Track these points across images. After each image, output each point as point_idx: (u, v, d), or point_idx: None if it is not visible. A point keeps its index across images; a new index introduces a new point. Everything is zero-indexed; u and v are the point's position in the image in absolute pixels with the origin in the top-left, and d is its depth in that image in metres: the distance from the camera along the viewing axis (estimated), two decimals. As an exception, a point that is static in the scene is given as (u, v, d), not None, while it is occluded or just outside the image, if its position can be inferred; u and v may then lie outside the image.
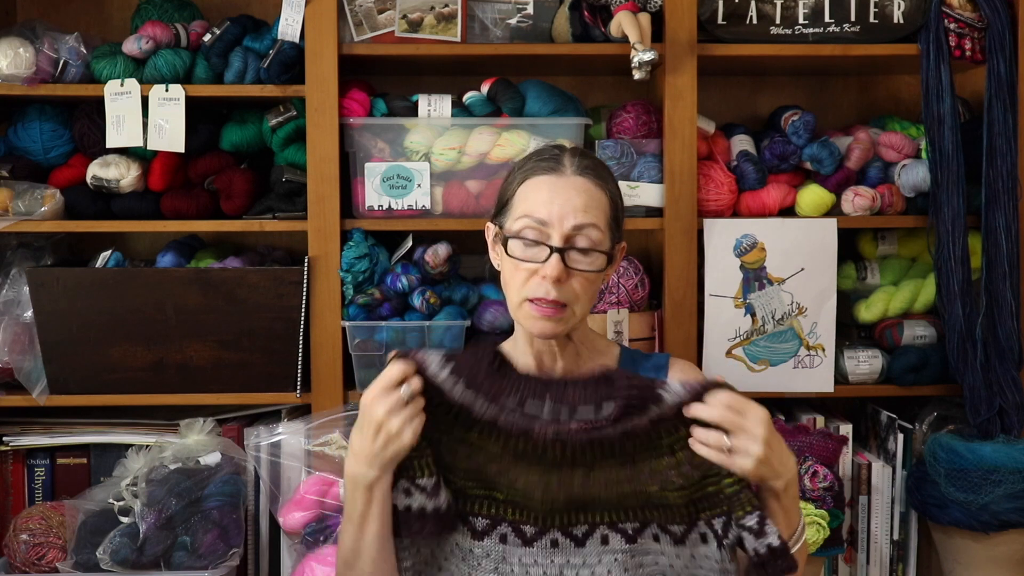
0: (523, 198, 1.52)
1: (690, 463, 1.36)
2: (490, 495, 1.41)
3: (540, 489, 1.38)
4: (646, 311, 2.19)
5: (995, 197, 2.12)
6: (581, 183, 1.51)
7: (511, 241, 1.51)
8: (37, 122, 2.19)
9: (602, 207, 1.52)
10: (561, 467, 1.38)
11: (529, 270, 1.50)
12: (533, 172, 1.53)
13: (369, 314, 2.11)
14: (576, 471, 1.38)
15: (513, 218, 1.52)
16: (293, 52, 2.09)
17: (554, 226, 1.48)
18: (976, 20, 2.15)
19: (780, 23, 2.17)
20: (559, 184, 1.50)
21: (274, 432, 2.10)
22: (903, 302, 2.23)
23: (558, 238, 1.48)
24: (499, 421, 1.37)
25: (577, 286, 1.50)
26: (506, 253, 1.52)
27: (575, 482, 1.38)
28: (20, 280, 2.14)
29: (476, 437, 1.39)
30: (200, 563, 1.91)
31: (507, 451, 1.38)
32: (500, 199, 1.58)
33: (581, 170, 1.52)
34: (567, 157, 1.54)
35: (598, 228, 1.50)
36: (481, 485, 1.40)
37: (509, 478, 1.39)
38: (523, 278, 1.51)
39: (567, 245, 1.49)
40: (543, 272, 1.48)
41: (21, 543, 1.94)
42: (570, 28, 2.14)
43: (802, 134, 2.20)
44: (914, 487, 2.13)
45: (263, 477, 2.07)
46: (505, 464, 1.39)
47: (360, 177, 2.14)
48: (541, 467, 1.38)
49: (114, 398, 2.13)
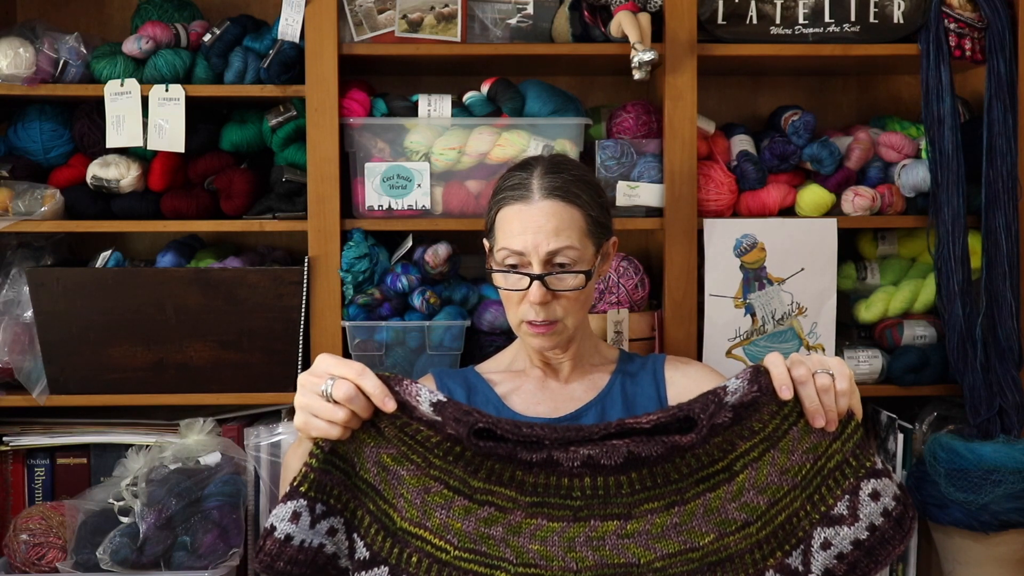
0: (500, 229, 1.60)
1: (754, 487, 1.15)
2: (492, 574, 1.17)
3: (562, 550, 1.13)
4: (646, 311, 2.19)
5: (995, 197, 2.12)
6: (549, 207, 1.56)
7: (496, 274, 1.60)
8: (37, 122, 2.19)
9: (575, 224, 1.58)
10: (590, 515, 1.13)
11: (518, 296, 1.58)
12: (504, 202, 1.60)
13: (369, 314, 2.11)
14: (609, 523, 1.14)
15: (496, 248, 1.61)
16: (293, 52, 2.09)
17: (530, 255, 1.56)
18: (976, 20, 2.14)
19: (780, 23, 2.17)
20: (528, 213, 1.57)
21: (274, 432, 2.10)
22: (903, 302, 2.23)
23: (536, 265, 1.56)
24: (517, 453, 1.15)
25: (564, 303, 1.59)
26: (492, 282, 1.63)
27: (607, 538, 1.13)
28: (20, 280, 2.14)
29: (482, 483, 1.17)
30: (200, 563, 1.91)
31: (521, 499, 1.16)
32: (486, 219, 1.67)
33: (549, 192, 1.57)
34: (535, 179, 1.59)
35: (573, 247, 1.57)
36: (481, 559, 1.17)
37: (520, 541, 1.15)
38: (515, 302, 1.60)
39: (546, 271, 1.56)
40: (528, 299, 1.57)
41: (21, 543, 1.94)
42: (570, 28, 2.14)
43: (802, 134, 2.20)
44: (914, 487, 2.13)
45: (263, 477, 2.07)
46: (517, 519, 1.16)
47: (360, 177, 2.14)
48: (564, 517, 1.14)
49: (114, 398, 2.13)
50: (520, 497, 1.15)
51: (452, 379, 1.74)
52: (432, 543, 1.18)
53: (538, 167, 1.62)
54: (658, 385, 1.71)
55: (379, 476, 1.21)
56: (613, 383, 1.71)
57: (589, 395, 1.69)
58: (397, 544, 1.19)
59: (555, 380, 1.71)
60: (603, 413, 1.67)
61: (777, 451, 1.16)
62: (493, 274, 1.61)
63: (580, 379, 1.71)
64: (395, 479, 1.20)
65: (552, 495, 1.14)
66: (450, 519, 1.18)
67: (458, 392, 1.70)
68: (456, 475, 1.17)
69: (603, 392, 1.70)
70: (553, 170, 1.61)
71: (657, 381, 1.72)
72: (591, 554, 1.13)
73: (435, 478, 1.18)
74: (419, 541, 1.19)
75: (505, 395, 1.69)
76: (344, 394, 1.20)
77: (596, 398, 1.69)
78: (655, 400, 1.69)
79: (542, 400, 1.69)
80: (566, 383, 1.70)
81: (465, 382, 1.72)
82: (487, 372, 1.76)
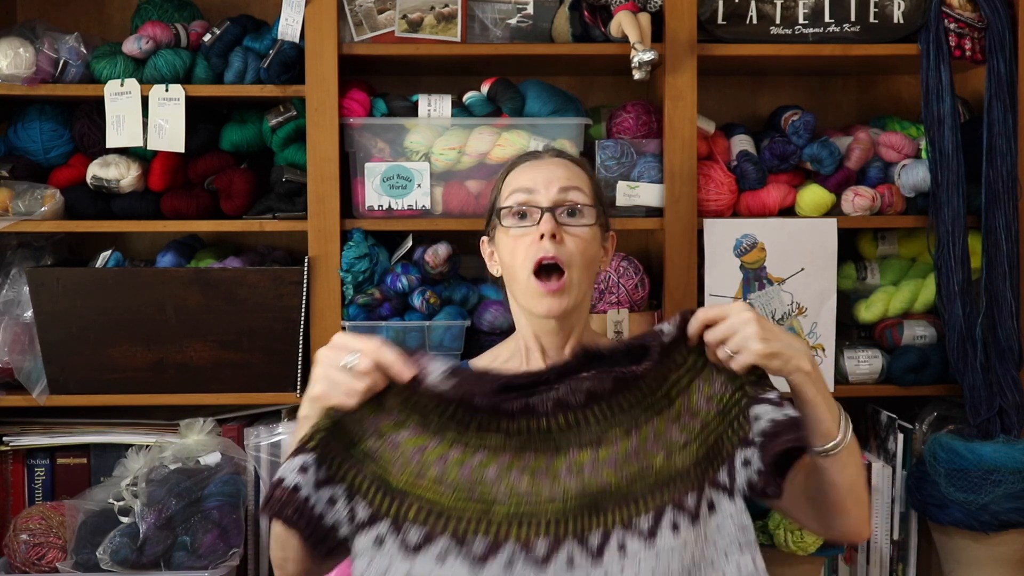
0: (509, 184, 1.61)
1: (688, 411, 1.33)
2: (488, 510, 1.29)
3: (548, 483, 1.29)
4: (646, 311, 2.19)
5: (995, 197, 2.12)
6: (561, 162, 1.63)
7: (504, 217, 1.57)
8: (37, 122, 2.19)
9: (584, 180, 1.62)
10: (568, 445, 1.30)
11: (526, 241, 1.55)
12: (515, 166, 1.64)
13: (369, 314, 2.11)
14: (584, 452, 1.30)
15: (504, 196, 1.60)
16: (293, 52, 2.09)
17: (540, 192, 1.56)
18: (976, 20, 2.15)
19: (780, 23, 2.17)
20: (539, 166, 1.62)
21: (274, 432, 2.10)
22: (903, 302, 2.23)
23: (546, 200, 1.56)
24: (500, 406, 1.31)
25: (572, 246, 1.55)
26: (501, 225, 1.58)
27: (585, 465, 1.30)
28: (20, 280, 2.14)
29: (474, 435, 1.31)
30: (200, 563, 1.91)
31: (509, 442, 1.31)
32: (488, 209, 1.66)
33: (558, 155, 1.65)
34: (544, 153, 1.67)
35: (583, 192, 1.59)
36: (477, 500, 1.29)
37: (511, 480, 1.30)
38: (523, 250, 1.56)
39: (556, 205, 1.56)
40: (539, 231, 1.54)
41: (21, 543, 1.94)
42: (570, 28, 2.14)
43: (802, 134, 2.20)
44: (914, 487, 2.13)
45: (263, 477, 2.07)
46: (505, 461, 1.31)
47: (360, 177, 2.14)
48: (547, 449, 1.30)
49: (114, 398, 2.13)
50: (508, 440, 1.31)
51: None
52: (429, 493, 1.30)
53: (545, 153, 1.69)
54: None
55: (376, 444, 1.32)
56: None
57: None
58: (396, 500, 1.30)
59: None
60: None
61: (701, 380, 1.37)
62: (502, 218, 1.57)
63: None
64: (391, 445, 1.32)
65: (534, 435, 1.31)
66: (446, 471, 1.31)
67: None
68: (451, 431, 1.32)
69: None
70: (558, 151, 1.70)
71: None
72: (573, 482, 1.30)
73: (431, 435, 1.31)
74: (417, 492, 1.31)
75: None
76: (367, 366, 1.29)
77: None
78: None
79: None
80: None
81: None
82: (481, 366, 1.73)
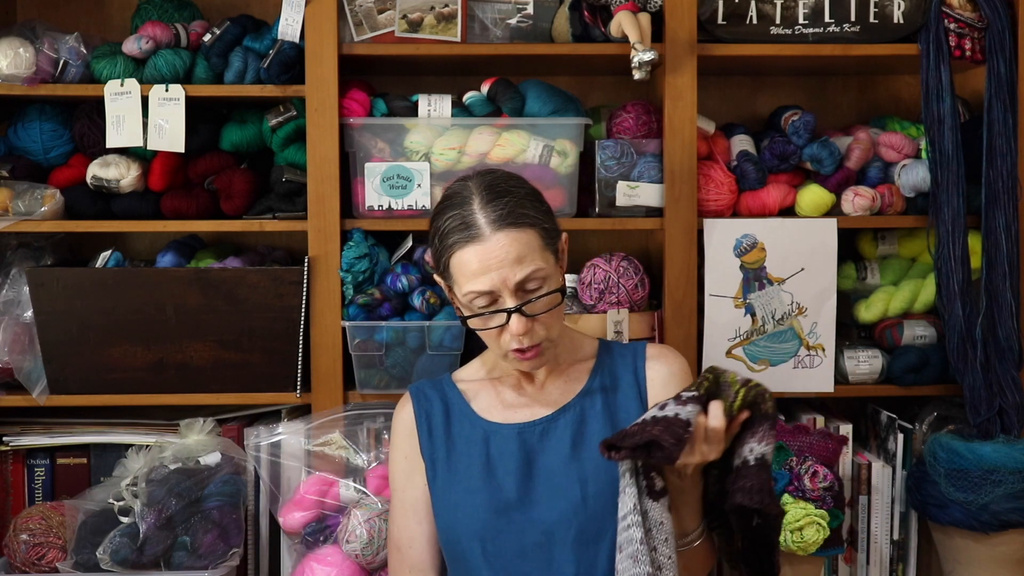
0: (458, 272, 1.55)
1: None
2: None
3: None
4: (646, 311, 2.19)
5: (995, 197, 2.12)
6: (504, 239, 1.52)
7: (470, 318, 1.57)
8: (37, 122, 2.19)
9: (533, 245, 1.54)
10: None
11: (498, 331, 1.56)
12: (455, 246, 1.54)
13: (369, 314, 2.11)
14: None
15: (460, 293, 1.56)
16: (293, 52, 2.09)
17: (501, 291, 1.53)
18: (976, 20, 2.14)
19: (780, 23, 2.17)
20: (485, 251, 1.52)
21: (274, 432, 2.09)
22: (903, 302, 2.23)
23: (509, 299, 1.53)
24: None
25: (544, 323, 1.57)
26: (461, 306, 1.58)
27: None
28: (20, 280, 2.14)
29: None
30: (200, 563, 1.91)
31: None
32: (434, 256, 1.61)
33: (496, 224, 1.52)
34: (478, 213, 1.53)
35: (539, 268, 1.54)
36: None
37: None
38: (494, 338, 1.58)
39: (520, 301, 1.53)
40: (510, 331, 1.54)
41: (21, 543, 1.94)
42: (570, 28, 2.14)
43: (802, 134, 2.20)
44: (914, 487, 2.13)
45: (263, 477, 2.07)
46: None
47: (360, 177, 2.14)
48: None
49: (114, 398, 2.13)
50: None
51: (430, 396, 1.72)
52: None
53: (475, 198, 1.54)
54: (639, 382, 1.69)
55: None
56: (593, 381, 1.69)
57: (567, 396, 1.68)
58: None
59: (531, 385, 1.69)
60: (582, 415, 1.66)
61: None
62: (468, 320, 1.57)
63: (556, 380, 1.69)
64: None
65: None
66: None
67: (437, 410, 1.70)
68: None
69: (582, 391, 1.68)
70: (492, 197, 1.54)
71: (638, 378, 1.69)
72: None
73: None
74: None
75: (482, 410, 1.69)
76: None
77: (575, 399, 1.67)
78: (635, 395, 1.67)
79: (519, 410, 1.68)
80: (541, 387, 1.69)
81: (443, 398, 1.72)
82: (463, 381, 1.74)
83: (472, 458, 1.66)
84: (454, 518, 1.64)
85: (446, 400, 1.72)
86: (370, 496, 1.94)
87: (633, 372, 1.70)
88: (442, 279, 1.62)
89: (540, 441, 1.64)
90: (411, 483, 1.70)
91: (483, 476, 1.63)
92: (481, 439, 1.66)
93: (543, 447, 1.64)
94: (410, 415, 1.72)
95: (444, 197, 1.60)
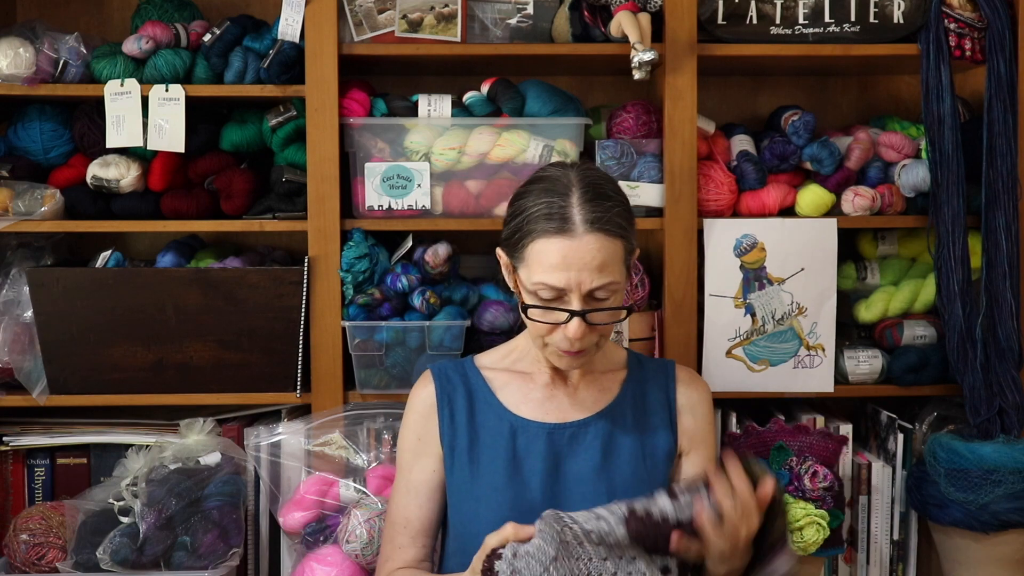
0: (536, 260, 1.51)
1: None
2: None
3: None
4: (646, 311, 2.19)
5: (995, 197, 2.12)
6: (595, 243, 1.48)
7: (531, 307, 1.53)
8: (37, 122, 2.19)
9: (617, 257, 1.51)
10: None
11: (550, 327, 1.53)
12: (541, 233, 1.50)
13: (369, 314, 2.11)
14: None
15: (528, 277, 1.52)
16: (293, 52, 2.09)
17: (572, 292, 1.49)
18: (976, 20, 2.14)
19: (780, 23, 2.17)
20: (572, 249, 1.48)
21: (274, 432, 2.10)
22: (903, 302, 2.23)
23: (577, 302, 1.50)
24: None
25: (599, 332, 1.54)
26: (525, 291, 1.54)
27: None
28: (20, 280, 2.14)
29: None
30: (200, 563, 1.91)
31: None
32: (510, 233, 1.56)
33: (593, 226, 1.49)
34: (576, 209, 1.50)
35: (615, 281, 1.51)
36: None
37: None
38: (545, 330, 1.54)
39: (586, 306, 1.50)
40: (565, 332, 1.51)
41: (21, 543, 1.94)
42: (570, 28, 2.14)
43: (802, 134, 2.20)
44: (914, 487, 2.13)
45: (263, 477, 2.07)
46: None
47: (360, 177, 2.14)
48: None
49: (114, 398, 2.13)
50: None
51: (453, 380, 1.70)
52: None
53: (575, 192, 1.51)
54: (670, 403, 1.69)
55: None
56: (625, 394, 1.69)
57: (599, 404, 1.67)
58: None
59: (563, 386, 1.68)
60: (612, 424, 1.66)
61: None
62: (528, 308, 1.53)
63: (589, 386, 1.69)
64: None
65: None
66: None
67: (460, 395, 1.68)
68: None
69: (614, 402, 1.68)
70: (594, 197, 1.51)
71: (669, 399, 1.70)
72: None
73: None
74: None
75: (510, 404, 1.67)
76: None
77: (606, 408, 1.67)
78: (665, 418, 1.68)
79: (550, 409, 1.67)
80: (575, 390, 1.68)
81: (466, 383, 1.69)
82: (487, 368, 1.72)
83: (497, 451, 1.64)
84: (476, 513, 1.62)
85: (469, 386, 1.69)
86: (370, 496, 1.94)
87: (665, 392, 1.70)
88: (508, 256, 1.58)
89: (569, 445, 1.64)
90: (419, 465, 1.68)
91: (508, 473, 1.62)
92: (508, 433, 1.64)
93: (572, 451, 1.63)
94: (431, 396, 1.69)
95: (539, 179, 1.56)
